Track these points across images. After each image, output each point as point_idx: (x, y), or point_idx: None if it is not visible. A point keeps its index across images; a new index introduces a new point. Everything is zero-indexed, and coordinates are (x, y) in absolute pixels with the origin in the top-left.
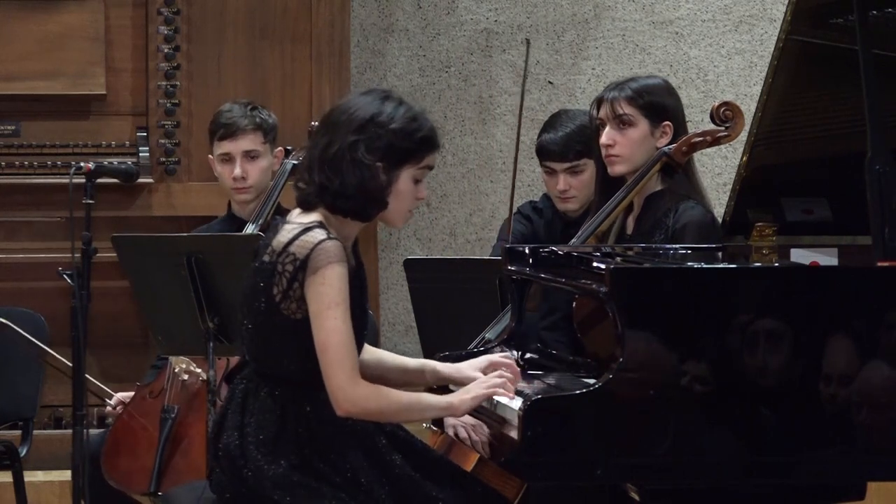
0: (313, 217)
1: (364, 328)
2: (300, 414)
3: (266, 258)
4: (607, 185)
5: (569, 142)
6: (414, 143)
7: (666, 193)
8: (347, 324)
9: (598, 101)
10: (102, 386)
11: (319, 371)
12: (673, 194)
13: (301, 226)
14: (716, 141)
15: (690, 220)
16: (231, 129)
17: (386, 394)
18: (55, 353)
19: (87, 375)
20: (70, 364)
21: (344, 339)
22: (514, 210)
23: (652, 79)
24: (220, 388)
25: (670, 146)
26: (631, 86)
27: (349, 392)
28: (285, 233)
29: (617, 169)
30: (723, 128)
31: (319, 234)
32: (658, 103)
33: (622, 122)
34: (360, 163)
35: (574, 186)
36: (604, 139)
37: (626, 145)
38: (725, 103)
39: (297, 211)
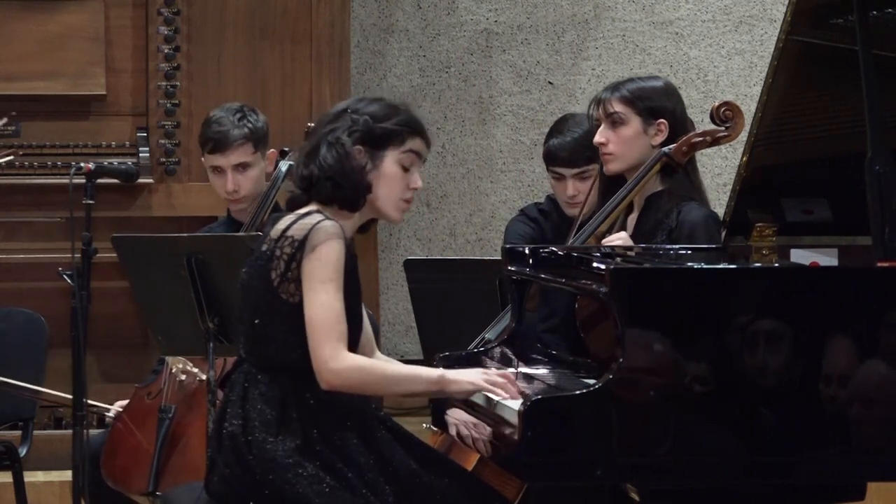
0: (310, 208)
1: (359, 322)
2: (301, 403)
3: (264, 247)
4: (608, 185)
5: (577, 147)
6: (392, 124)
7: (666, 194)
8: (339, 300)
9: (596, 101)
10: (100, 404)
11: None
12: (673, 195)
13: (298, 214)
14: (716, 141)
15: (696, 224)
16: (221, 144)
17: (370, 366)
18: (50, 391)
19: (87, 400)
20: (68, 396)
21: (333, 312)
22: (518, 211)
23: (651, 79)
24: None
25: (670, 146)
26: (626, 86)
27: (332, 364)
28: (283, 221)
29: (611, 167)
30: (723, 128)
31: (318, 217)
32: (651, 102)
33: (614, 121)
34: (337, 145)
35: (583, 191)
36: (597, 137)
37: (618, 143)
38: (725, 103)
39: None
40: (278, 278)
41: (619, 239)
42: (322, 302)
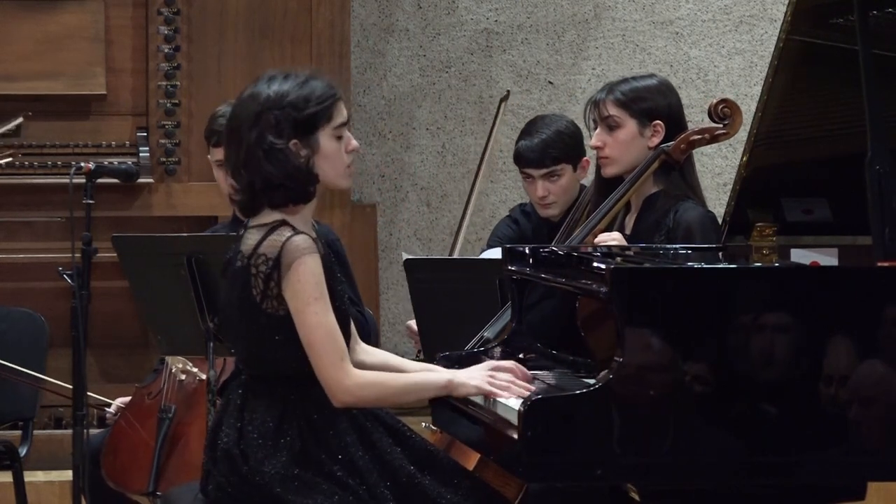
0: (272, 217)
1: (346, 314)
2: (299, 410)
3: (238, 264)
4: (604, 183)
5: (545, 148)
6: (315, 105)
7: (662, 194)
8: (329, 316)
9: (592, 103)
10: (101, 398)
11: None
12: (670, 195)
13: (265, 227)
14: (714, 138)
15: (692, 223)
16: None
17: (380, 379)
18: (51, 379)
19: (88, 393)
20: (68, 385)
21: (328, 331)
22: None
23: (645, 78)
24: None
25: (669, 144)
26: (620, 88)
27: (343, 383)
28: (252, 236)
29: (608, 171)
30: (721, 125)
31: (286, 232)
32: (646, 103)
33: (610, 125)
34: (274, 150)
35: (553, 192)
36: (593, 141)
37: (615, 147)
38: (723, 100)
39: (249, 221)
40: (259, 295)
41: (613, 239)
42: (314, 324)
